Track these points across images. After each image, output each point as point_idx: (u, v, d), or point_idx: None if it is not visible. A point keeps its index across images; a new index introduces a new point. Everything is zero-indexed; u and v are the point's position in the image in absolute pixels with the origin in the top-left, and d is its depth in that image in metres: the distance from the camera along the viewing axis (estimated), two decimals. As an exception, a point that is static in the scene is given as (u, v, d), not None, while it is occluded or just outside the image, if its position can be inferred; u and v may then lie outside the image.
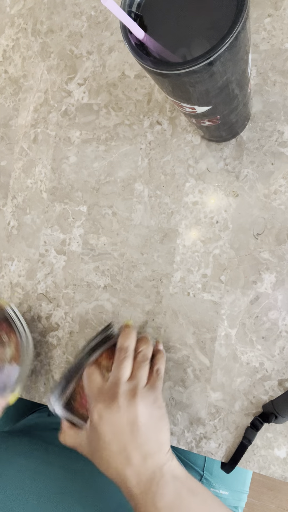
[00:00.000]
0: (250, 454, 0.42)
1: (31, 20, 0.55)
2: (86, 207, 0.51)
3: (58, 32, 0.53)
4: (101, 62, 0.51)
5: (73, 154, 0.52)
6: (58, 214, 0.52)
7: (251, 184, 0.43)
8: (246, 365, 0.43)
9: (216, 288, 0.44)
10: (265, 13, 0.43)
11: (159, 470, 0.31)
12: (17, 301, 0.55)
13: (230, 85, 0.27)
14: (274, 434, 0.41)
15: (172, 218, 0.47)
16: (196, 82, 0.24)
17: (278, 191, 0.42)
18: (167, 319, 0.46)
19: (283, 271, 0.42)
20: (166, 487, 0.30)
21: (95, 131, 0.51)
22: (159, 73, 0.24)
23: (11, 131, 0.56)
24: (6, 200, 0.55)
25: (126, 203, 0.49)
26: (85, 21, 0.52)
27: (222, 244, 0.44)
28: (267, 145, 0.42)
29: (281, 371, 0.41)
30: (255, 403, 0.42)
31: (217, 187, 0.45)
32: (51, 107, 0.53)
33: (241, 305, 0.43)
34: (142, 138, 0.48)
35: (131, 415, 0.32)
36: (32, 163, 0.54)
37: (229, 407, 0.43)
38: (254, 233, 0.43)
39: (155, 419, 0.33)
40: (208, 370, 0.44)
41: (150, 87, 0.48)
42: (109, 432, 0.32)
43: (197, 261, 0.45)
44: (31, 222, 0.54)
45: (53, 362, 0.52)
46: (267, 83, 0.42)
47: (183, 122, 0.46)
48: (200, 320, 0.45)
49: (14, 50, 0.56)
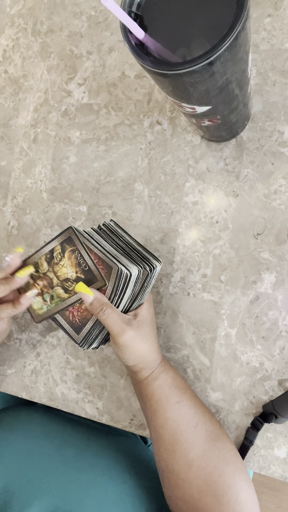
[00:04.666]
0: (250, 454, 0.42)
1: (31, 20, 0.55)
2: (86, 207, 0.51)
3: (58, 32, 0.53)
4: (101, 62, 0.51)
5: (73, 154, 0.52)
6: (58, 214, 0.52)
7: (251, 184, 0.43)
8: (246, 365, 0.43)
9: (216, 288, 0.44)
10: (265, 13, 0.43)
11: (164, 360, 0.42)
12: (17, 301, 0.55)
13: (230, 85, 0.27)
14: (274, 434, 0.41)
15: (172, 218, 0.47)
16: (196, 82, 0.24)
17: (278, 191, 0.42)
18: (167, 319, 0.46)
19: (283, 271, 0.42)
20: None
21: (95, 131, 0.51)
22: (159, 73, 0.24)
23: (11, 131, 0.56)
24: (6, 200, 0.55)
25: (126, 203, 0.49)
26: (85, 21, 0.52)
27: (222, 244, 0.44)
28: (267, 145, 0.42)
29: (281, 371, 0.41)
30: (255, 403, 0.42)
31: (217, 187, 0.45)
32: (51, 107, 0.53)
33: (241, 305, 0.43)
34: (142, 138, 0.48)
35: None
36: (32, 163, 0.54)
37: (229, 407, 0.43)
38: (254, 233, 0.43)
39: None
40: (208, 370, 0.44)
41: (150, 87, 0.48)
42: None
43: (197, 261, 0.45)
44: (31, 222, 0.54)
45: (53, 362, 0.52)
46: (267, 83, 0.42)
47: (183, 122, 0.46)
48: (200, 320, 0.45)
49: (14, 50, 0.56)
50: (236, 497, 0.33)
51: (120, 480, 0.41)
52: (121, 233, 0.42)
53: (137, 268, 0.38)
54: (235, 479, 0.34)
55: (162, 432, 0.37)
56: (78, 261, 0.39)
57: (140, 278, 0.39)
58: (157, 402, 0.38)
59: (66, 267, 0.40)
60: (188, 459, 0.35)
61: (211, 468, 0.34)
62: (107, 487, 0.39)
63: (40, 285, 0.42)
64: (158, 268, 0.40)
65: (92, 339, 0.41)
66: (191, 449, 0.36)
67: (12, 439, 0.44)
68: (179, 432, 0.36)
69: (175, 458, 0.36)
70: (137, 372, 0.40)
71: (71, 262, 0.39)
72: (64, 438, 0.47)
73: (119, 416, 0.48)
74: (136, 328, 0.38)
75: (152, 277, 0.40)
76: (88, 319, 0.40)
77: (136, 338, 0.37)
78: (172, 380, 0.39)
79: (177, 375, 0.41)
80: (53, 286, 0.41)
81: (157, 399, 0.38)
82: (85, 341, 0.40)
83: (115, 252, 0.39)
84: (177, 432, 0.37)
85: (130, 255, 0.40)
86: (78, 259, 0.39)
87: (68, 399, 0.51)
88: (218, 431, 0.37)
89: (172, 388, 0.39)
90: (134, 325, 0.38)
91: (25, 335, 0.54)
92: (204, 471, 0.34)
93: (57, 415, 0.54)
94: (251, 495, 0.34)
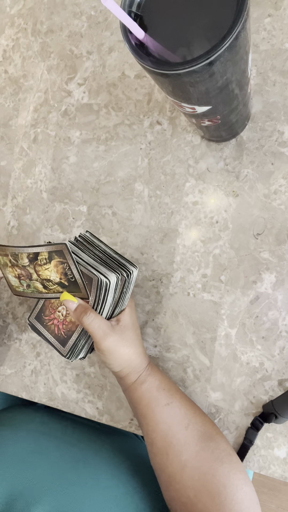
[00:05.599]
0: (250, 454, 0.42)
1: (31, 20, 0.55)
2: (86, 207, 0.51)
3: (58, 32, 0.53)
4: (101, 62, 0.51)
5: (73, 154, 0.52)
6: (58, 214, 0.52)
7: (251, 184, 0.43)
8: (246, 365, 0.43)
9: (216, 288, 0.44)
10: (265, 13, 0.43)
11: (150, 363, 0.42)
12: (17, 301, 0.55)
13: (230, 85, 0.27)
14: (274, 434, 0.41)
15: (172, 218, 0.47)
16: (196, 82, 0.24)
17: (278, 191, 0.42)
18: (167, 319, 0.46)
19: (283, 271, 0.42)
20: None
21: (95, 131, 0.51)
22: (159, 73, 0.24)
23: (11, 131, 0.56)
24: (6, 200, 0.55)
25: (126, 203, 0.49)
26: (85, 21, 0.52)
27: (222, 244, 0.44)
28: (267, 145, 0.42)
29: (281, 371, 0.41)
30: (255, 403, 0.42)
31: (217, 187, 0.45)
32: (51, 107, 0.53)
33: (241, 305, 0.43)
34: (142, 138, 0.48)
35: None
36: (32, 163, 0.54)
37: (229, 407, 0.43)
38: (254, 233, 0.43)
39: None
40: (208, 370, 0.44)
41: (150, 87, 0.48)
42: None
43: (197, 261, 0.45)
44: (31, 222, 0.54)
45: (53, 362, 0.52)
46: (267, 83, 0.42)
47: (183, 122, 0.46)
48: (200, 320, 0.45)
49: (14, 50, 0.56)
50: (232, 497, 0.32)
51: (122, 482, 0.41)
52: (97, 242, 0.43)
53: (115, 275, 0.39)
54: (230, 479, 0.34)
55: (154, 436, 0.37)
56: (65, 271, 0.40)
57: (119, 285, 0.40)
58: (146, 405, 0.38)
59: (50, 271, 0.40)
60: (181, 461, 0.35)
61: (205, 469, 0.34)
62: (109, 489, 0.39)
63: (17, 272, 0.43)
64: (135, 273, 0.41)
65: (78, 350, 0.42)
66: (183, 450, 0.36)
67: (13, 440, 0.44)
68: (170, 434, 0.37)
69: (168, 460, 0.36)
70: (124, 377, 0.40)
71: (57, 269, 0.40)
72: (65, 439, 0.47)
73: (119, 416, 0.48)
74: (119, 333, 0.39)
75: (130, 283, 0.41)
76: (73, 331, 0.41)
77: (119, 343, 0.38)
78: (159, 382, 0.40)
79: (164, 378, 0.41)
80: (32, 279, 0.42)
81: (146, 403, 0.39)
82: (71, 352, 0.41)
83: (93, 262, 0.40)
84: (168, 434, 0.37)
85: (107, 263, 0.41)
86: (65, 269, 0.39)
87: (68, 399, 0.51)
88: (211, 431, 0.37)
89: (160, 391, 0.39)
90: (116, 330, 0.39)
91: (25, 335, 0.54)
92: (198, 471, 0.34)
93: (58, 415, 0.54)
94: (248, 494, 0.33)
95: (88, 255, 0.41)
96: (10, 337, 0.55)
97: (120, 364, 0.39)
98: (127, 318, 0.41)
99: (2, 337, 0.55)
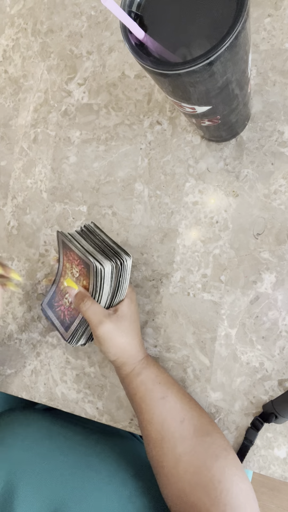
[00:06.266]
0: (250, 454, 0.42)
1: (31, 20, 0.55)
2: (86, 207, 0.51)
3: (58, 32, 0.53)
4: (101, 62, 0.51)
5: (73, 154, 0.52)
6: (58, 214, 0.52)
7: (251, 184, 0.43)
8: (246, 365, 0.43)
9: (216, 288, 0.44)
10: (265, 13, 0.43)
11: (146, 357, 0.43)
12: (17, 301, 0.55)
13: (230, 85, 0.27)
14: (274, 434, 0.41)
15: (172, 218, 0.47)
16: (196, 82, 0.24)
17: (278, 191, 0.42)
18: (167, 319, 0.46)
19: (283, 271, 0.42)
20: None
21: (95, 131, 0.51)
22: (159, 73, 0.24)
23: (11, 131, 0.56)
24: (6, 200, 0.55)
25: (126, 203, 0.49)
26: (85, 21, 0.52)
27: (222, 244, 0.44)
28: (267, 145, 0.42)
29: (281, 371, 0.41)
30: (255, 403, 0.42)
31: (217, 187, 0.45)
32: (51, 107, 0.53)
33: (241, 305, 0.43)
34: (142, 138, 0.48)
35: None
36: (32, 163, 0.54)
37: (229, 407, 0.43)
38: (254, 233, 0.43)
39: None
40: (208, 370, 0.44)
41: (150, 87, 0.48)
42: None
43: (197, 261, 0.45)
44: (31, 222, 0.54)
45: (53, 362, 0.52)
46: (267, 83, 0.42)
47: (183, 122, 0.46)
48: (200, 320, 0.45)
49: (14, 50, 0.56)
50: (227, 492, 0.32)
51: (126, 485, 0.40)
52: (99, 232, 0.45)
53: (110, 263, 0.40)
54: (225, 474, 0.34)
55: (150, 428, 0.38)
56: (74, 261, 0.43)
57: (115, 274, 0.41)
58: (141, 398, 0.39)
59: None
60: (176, 454, 0.35)
61: (200, 463, 0.34)
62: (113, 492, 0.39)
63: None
64: (129, 261, 0.42)
65: (79, 336, 0.43)
66: (178, 444, 0.36)
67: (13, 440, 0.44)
68: (165, 427, 0.37)
69: (163, 453, 0.36)
70: (119, 367, 0.41)
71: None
72: (66, 441, 0.47)
73: (119, 416, 0.48)
74: (115, 321, 0.40)
75: (126, 272, 0.42)
76: (76, 317, 0.43)
77: (114, 331, 0.39)
78: (155, 376, 0.40)
79: (161, 372, 0.41)
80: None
81: (141, 395, 0.39)
82: (72, 337, 0.43)
83: (92, 249, 0.42)
84: (163, 428, 0.37)
85: (104, 251, 0.42)
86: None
87: (68, 399, 0.51)
88: (207, 426, 0.37)
89: (155, 384, 0.39)
90: (113, 318, 0.40)
91: (25, 335, 0.54)
92: (193, 465, 0.34)
93: (58, 416, 0.54)
94: (244, 489, 0.33)
95: (89, 243, 0.43)
96: (10, 337, 0.55)
97: (115, 353, 0.40)
98: (125, 309, 0.42)
99: (2, 337, 0.55)
